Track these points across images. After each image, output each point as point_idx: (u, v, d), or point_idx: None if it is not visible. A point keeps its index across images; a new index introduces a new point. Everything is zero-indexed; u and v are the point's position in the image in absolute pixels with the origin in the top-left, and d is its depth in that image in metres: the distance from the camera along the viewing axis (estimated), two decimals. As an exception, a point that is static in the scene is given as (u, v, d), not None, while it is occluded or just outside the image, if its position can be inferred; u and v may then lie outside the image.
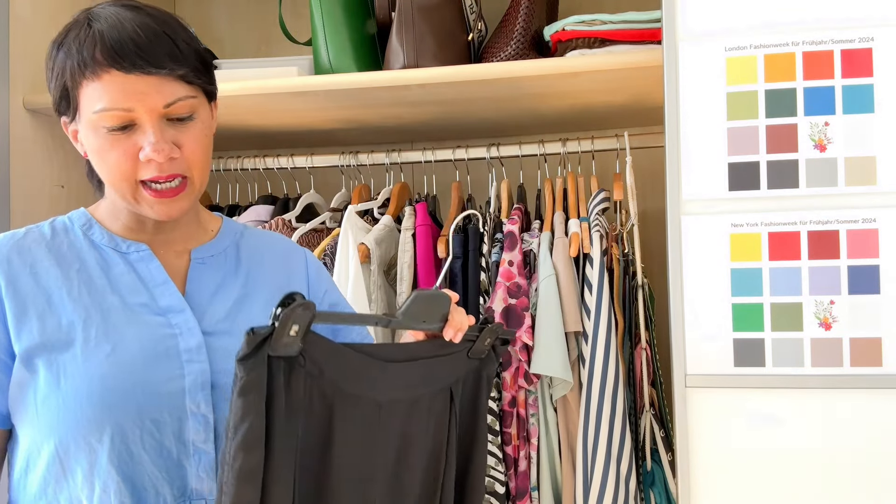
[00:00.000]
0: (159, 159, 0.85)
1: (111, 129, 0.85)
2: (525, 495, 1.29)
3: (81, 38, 0.86)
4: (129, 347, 0.87)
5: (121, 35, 0.84)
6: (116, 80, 0.83)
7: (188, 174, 0.90)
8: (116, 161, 0.86)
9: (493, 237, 1.36)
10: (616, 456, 1.21)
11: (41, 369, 0.85)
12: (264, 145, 1.82)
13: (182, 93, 0.87)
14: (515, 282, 1.28)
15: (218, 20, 1.93)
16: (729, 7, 1.02)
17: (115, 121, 0.84)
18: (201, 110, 0.91)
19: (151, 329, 0.90)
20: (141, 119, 0.85)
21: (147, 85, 0.84)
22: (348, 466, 0.80)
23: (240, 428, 0.70)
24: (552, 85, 1.33)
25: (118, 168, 0.86)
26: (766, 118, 1.01)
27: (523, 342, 1.27)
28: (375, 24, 1.46)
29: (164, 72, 0.85)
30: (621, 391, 1.23)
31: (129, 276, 0.92)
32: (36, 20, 1.47)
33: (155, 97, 0.85)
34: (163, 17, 0.89)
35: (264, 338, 0.71)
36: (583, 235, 1.30)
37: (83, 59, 0.84)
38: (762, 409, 1.01)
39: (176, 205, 0.90)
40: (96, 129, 0.86)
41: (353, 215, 1.45)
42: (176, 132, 0.88)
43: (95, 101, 0.84)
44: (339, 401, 0.79)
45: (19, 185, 1.42)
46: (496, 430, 1.27)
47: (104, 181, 0.92)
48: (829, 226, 1.00)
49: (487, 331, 0.91)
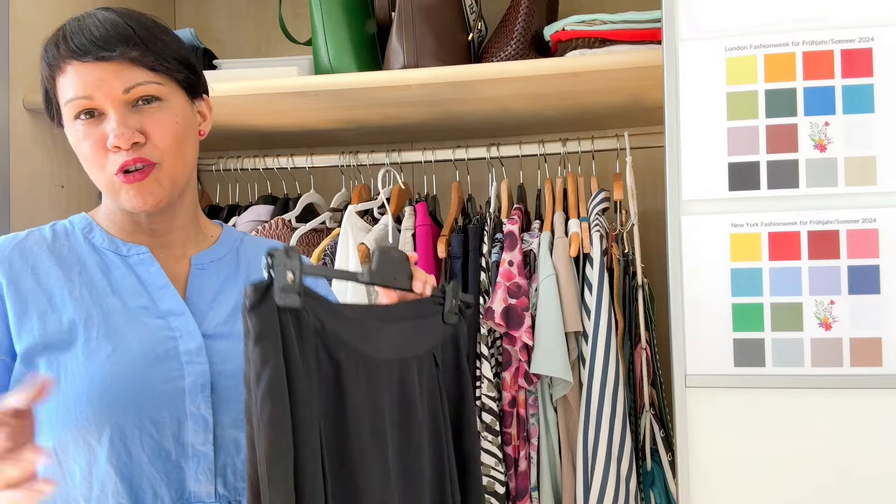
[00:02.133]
0: (121, 145, 0.86)
1: (80, 118, 0.87)
2: (525, 495, 1.29)
3: (51, 41, 0.90)
4: (129, 348, 0.87)
5: (80, 28, 0.88)
6: (76, 69, 0.87)
7: (157, 160, 0.89)
8: (90, 152, 0.88)
9: (494, 237, 1.36)
10: (616, 456, 1.21)
11: (42, 368, 0.85)
12: (264, 145, 1.82)
13: (142, 78, 0.88)
14: (515, 282, 1.28)
15: (218, 20, 1.93)
16: (729, 7, 1.02)
17: (79, 108, 0.87)
18: (172, 99, 0.91)
19: (152, 331, 0.90)
20: (103, 106, 0.87)
21: (105, 72, 0.86)
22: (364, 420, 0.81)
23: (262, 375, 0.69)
24: (552, 85, 1.33)
25: (93, 159, 0.88)
26: (766, 118, 1.01)
27: (523, 342, 1.27)
28: (375, 24, 1.46)
29: (116, 55, 0.86)
30: (621, 391, 1.23)
31: (129, 279, 0.93)
32: (36, 20, 1.47)
33: (113, 82, 0.86)
34: (136, 16, 0.91)
35: (267, 286, 0.71)
36: (583, 235, 1.30)
37: (51, 56, 0.88)
38: (762, 409, 1.01)
39: (147, 191, 0.89)
40: (70, 123, 0.89)
41: (353, 215, 1.45)
42: (141, 118, 0.88)
43: (63, 93, 0.88)
44: (345, 356, 0.79)
45: (19, 185, 1.42)
46: (496, 430, 1.27)
47: (93, 179, 0.92)
48: (829, 226, 1.00)
49: (450, 290, 0.94)
